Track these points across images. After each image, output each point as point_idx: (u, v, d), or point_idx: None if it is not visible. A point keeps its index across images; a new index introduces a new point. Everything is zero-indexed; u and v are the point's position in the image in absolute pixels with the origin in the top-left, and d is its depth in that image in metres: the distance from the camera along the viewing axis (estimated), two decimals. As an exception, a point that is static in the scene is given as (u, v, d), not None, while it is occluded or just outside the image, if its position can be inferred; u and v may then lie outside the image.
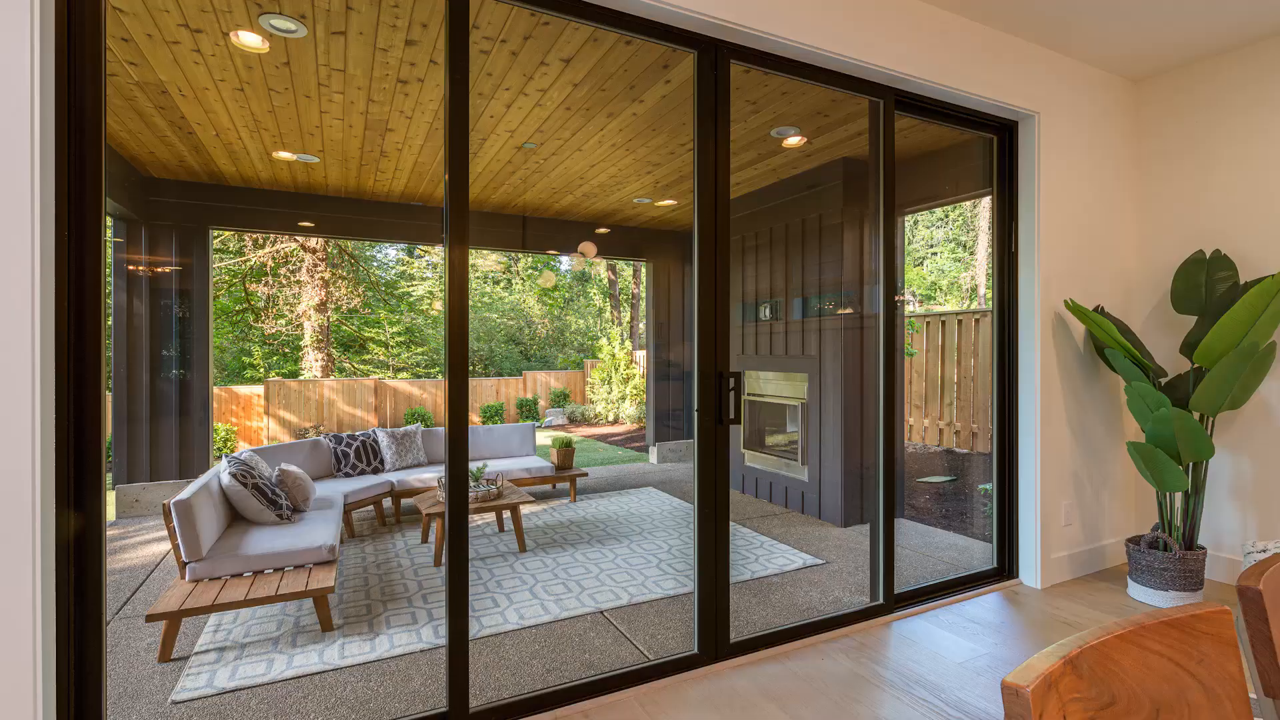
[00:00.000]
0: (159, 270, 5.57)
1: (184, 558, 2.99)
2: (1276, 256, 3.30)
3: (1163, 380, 3.46)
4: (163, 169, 5.05)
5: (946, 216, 16.13)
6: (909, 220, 14.74)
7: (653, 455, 7.88)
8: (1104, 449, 3.71)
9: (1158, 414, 3.02)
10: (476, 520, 5.01)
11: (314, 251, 12.96)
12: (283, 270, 13.18)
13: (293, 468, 4.10)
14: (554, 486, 6.37)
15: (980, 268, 15.00)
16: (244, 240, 12.99)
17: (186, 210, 5.50)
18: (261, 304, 13.44)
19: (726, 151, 2.61)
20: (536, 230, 6.89)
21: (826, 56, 2.69)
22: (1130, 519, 3.86)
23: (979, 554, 4.05)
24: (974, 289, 15.24)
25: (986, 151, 3.58)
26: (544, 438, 10.96)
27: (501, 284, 18.33)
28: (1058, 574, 3.49)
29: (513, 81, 3.40)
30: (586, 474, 6.03)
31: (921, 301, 15.81)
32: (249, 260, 13.03)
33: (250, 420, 10.33)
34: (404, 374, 15.55)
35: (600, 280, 19.53)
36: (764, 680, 2.49)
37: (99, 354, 1.70)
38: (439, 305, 15.56)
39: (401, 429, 5.72)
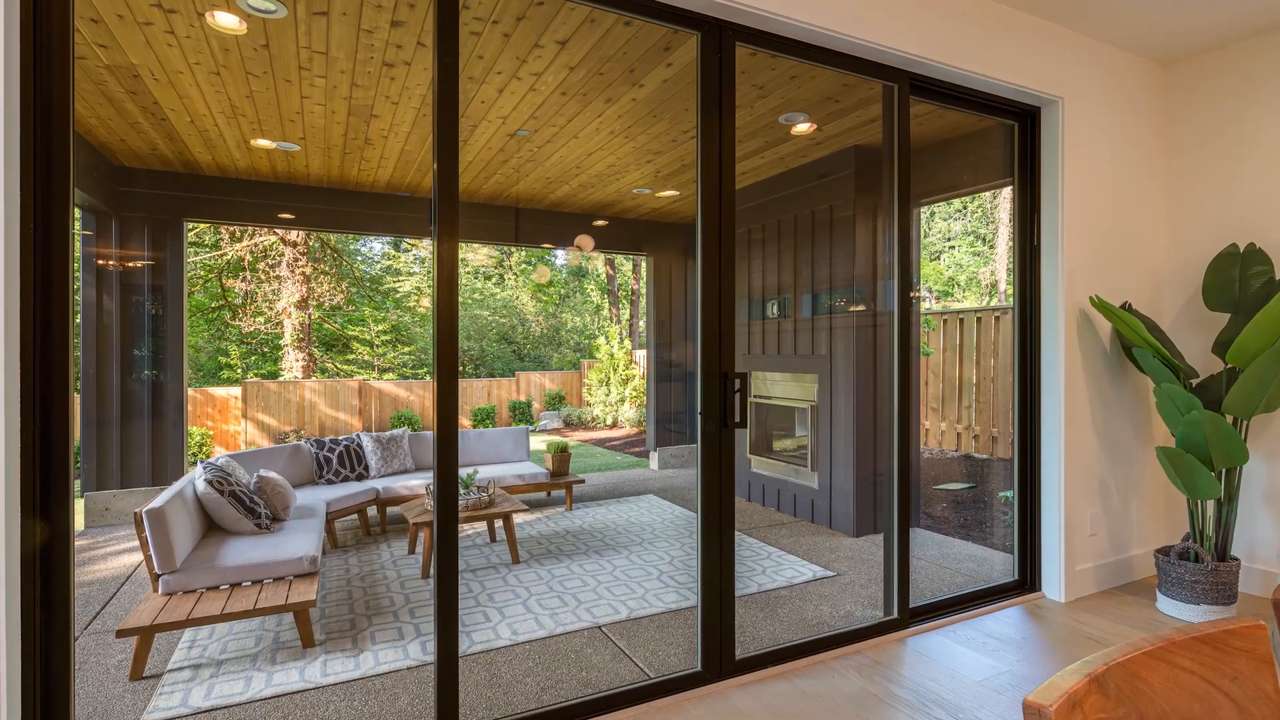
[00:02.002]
0: (130, 265, 5.57)
1: (157, 569, 2.99)
2: (1314, 250, 3.30)
3: (1194, 381, 3.46)
4: (134, 157, 5.05)
5: (965, 208, 16.14)
6: (925, 212, 14.75)
7: (653, 461, 7.88)
8: (1132, 454, 3.72)
9: (1188, 417, 3.01)
10: (467, 530, 5.02)
11: (294, 245, 12.97)
12: (261, 265, 13.19)
13: (272, 474, 4.10)
14: (549, 494, 6.37)
15: (1000, 262, 15.00)
16: (220, 233, 12.99)
17: (159, 201, 5.50)
18: (239, 301, 13.44)
19: (731, 138, 2.61)
20: (530, 222, 6.89)
21: (837, 38, 2.70)
22: (1159, 528, 3.86)
23: (999, 565, 4.05)
24: (994, 284, 15.24)
25: (1007, 139, 3.58)
26: (538, 442, 10.97)
27: (493, 279, 18.34)
28: (1082, 587, 3.49)
29: (505, 65, 3.40)
30: (583, 481, 6.03)
31: (938, 298, 15.82)
32: (226, 254, 13.04)
33: (227, 424, 10.33)
34: (390, 375, 15.56)
35: (598, 276, 19.54)
36: (771, 699, 2.49)
37: (66, 353, 1.70)
38: (427, 302, 15.58)
39: (387, 433, 5.72)
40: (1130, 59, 3.67)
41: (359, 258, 16.16)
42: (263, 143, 4.66)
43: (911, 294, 3.13)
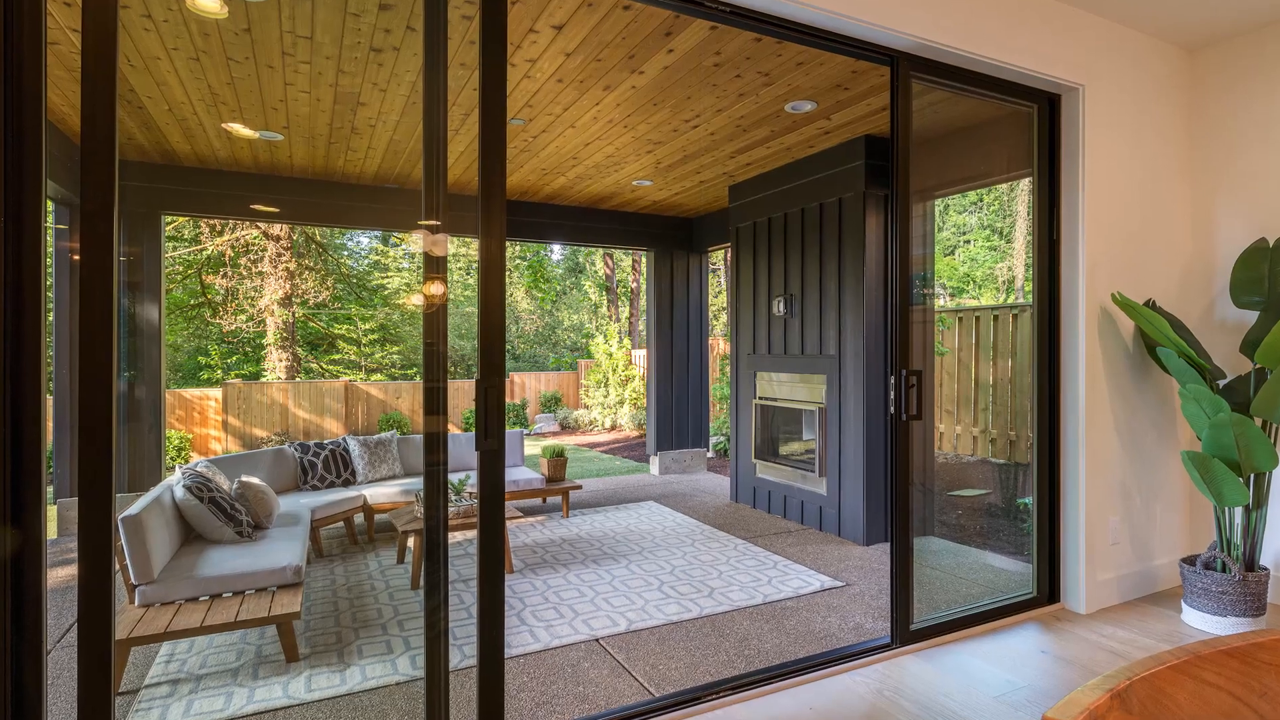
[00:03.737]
0: (105, 260, 5.56)
1: (133, 580, 2.99)
2: (1347, 245, 3.30)
3: (1221, 382, 3.46)
4: (109, 148, 5.04)
5: (980, 200, 16.14)
6: (938, 205, 14.73)
7: (654, 466, 7.88)
8: (1156, 459, 3.72)
9: (1215, 420, 3.01)
10: (458, 537, 5.02)
11: (277, 239, 12.97)
12: (243, 260, 13.19)
13: (254, 480, 4.10)
14: (544, 500, 6.37)
15: (1018, 257, 15.01)
16: (200, 227, 13.00)
17: (136, 193, 5.50)
18: (219, 298, 13.44)
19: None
20: (525, 215, 6.89)
21: (841, 21, 2.69)
22: (1184, 536, 3.86)
23: (1018, 575, 4.05)
24: (1011, 281, 15.24)
25: (1025, 128, 3.58)
26: (533, 446, 10.97)
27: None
28: (1104, 598, 3.49)
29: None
30: (580, 486, 6.03)
31: (953, 295, 15.82)
32: (205, 249, 13.04)
33: (206, 427, 10.33)
34: (378, 375, 15.56)
35: (595, 272, 19.54)
36: (777, 714, 2.49)
37: (39, 353, 1.70)
38: (416, 299, 15.58)
39: (375, 437, 5.72)
40: (1154, 44, 3.67)
41: (345, 253, 16.16)
42: (244, 132, 4.66)
43: (924, 291, 3.12)
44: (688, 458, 7.92)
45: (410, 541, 4.26)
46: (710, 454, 9.01)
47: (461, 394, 12.34)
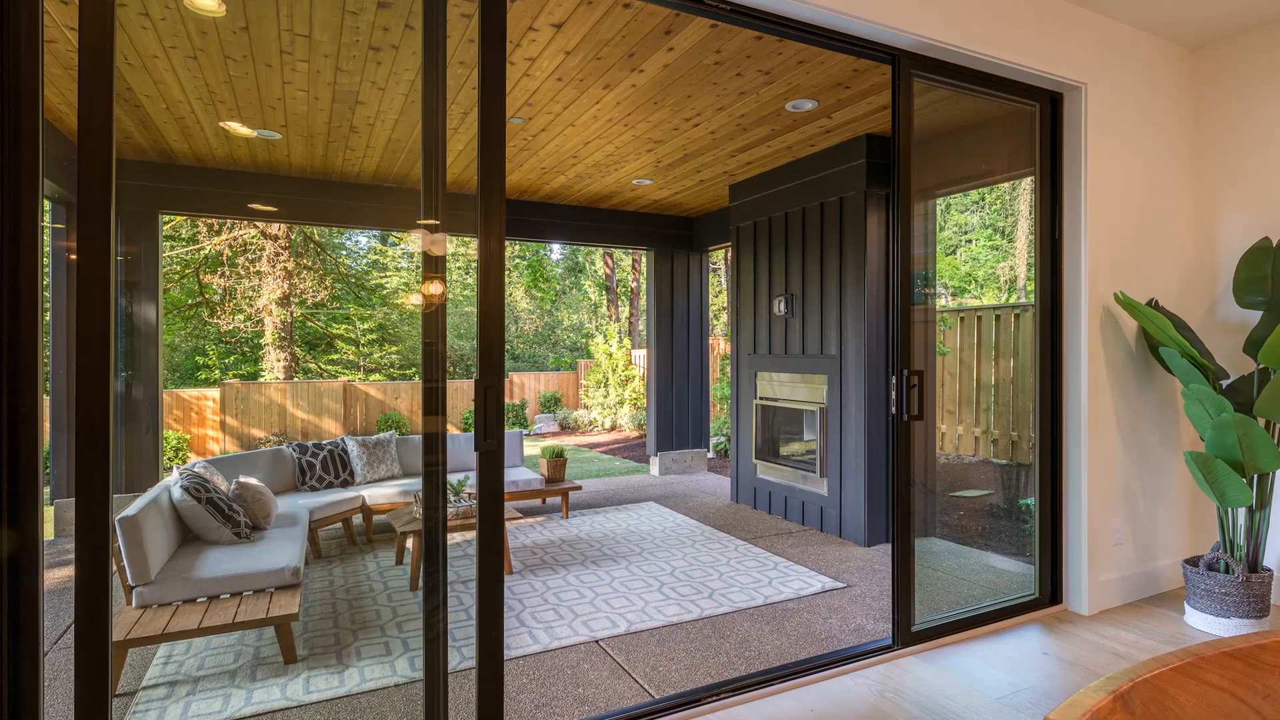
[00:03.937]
0: (102, 260, 5.56)
1: (130, 581, 2.99)
2: (1351, 244, 3.30)
3: (1224, 382, 3.46)
4: (107, 146, 5.04)
5: (982, 200, 16.14)
6: (940, 204, 14.72)
7: (654, 466, 7.88)
8: (1158, 459, 3.72)
9: (1218, 420, 3.01)
10: (457, 538, 5.02)
11: (276, 239, 12.97)
12: (241, 260, 13.19)
13: (252, 480, 4.10)
14: (544, 501, 6.37)
15: (1020, 257, 15.01)
16: (197, 226, 13.00)
17: (133, 193, 5.50)
18: (217, 297, 13.45)
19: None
20: (524, 214, 6.89)
21: (842, 19, 2.69)
22: (1187, 537, 3.86)
23: (1019, 576, 4.05)
24: (1013, 281, 15.24)
25: (1027, 127, 3.58)
26: (533, 447, 10.97)
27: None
28: (1107, 599, 3.49)
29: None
30: (580, 487, 6.03)
31: (954, 295, 15.82)
32: (203, 248, 13.04)
33: (204, 428, 10.34)
34: (376, 376, 15.57)
35: (595, 271, 19.54)
36: (778, 716, 2.49)
37: (35, 353, 1.70)
38: (415, 299, 15.59)
39: (373, 437, 5.72)
40: (1157, 43, 3.67)
41: (343, 252, 16.17)
42: (242, 131, 4.66)
43: (926, 290, 3.13)
44: (688, 458, 7.92)
45: (409, 542, 4.26)
46: (711, 454, 9.01)
47: (461, 394, 12.34)
